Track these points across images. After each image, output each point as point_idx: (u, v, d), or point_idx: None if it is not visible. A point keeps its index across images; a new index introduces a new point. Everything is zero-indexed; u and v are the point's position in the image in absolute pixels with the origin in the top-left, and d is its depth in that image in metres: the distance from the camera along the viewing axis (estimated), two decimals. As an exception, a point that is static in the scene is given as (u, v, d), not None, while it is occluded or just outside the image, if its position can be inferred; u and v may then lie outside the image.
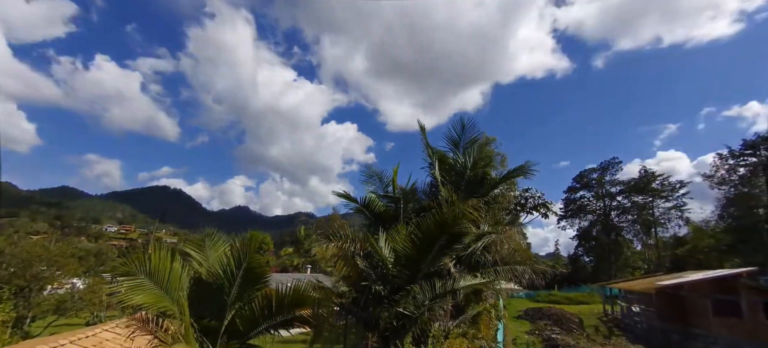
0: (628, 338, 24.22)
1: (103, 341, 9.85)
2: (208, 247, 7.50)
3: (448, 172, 12.58)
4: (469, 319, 12.57)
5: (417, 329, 8.54)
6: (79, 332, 10.21)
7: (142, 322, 6.09)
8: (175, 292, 6.05)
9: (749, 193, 50.95)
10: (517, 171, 12.94)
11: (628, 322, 27.66)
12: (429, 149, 12.93)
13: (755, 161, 50.96)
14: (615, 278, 46.34)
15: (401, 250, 8.26)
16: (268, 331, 7.09)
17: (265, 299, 6.87)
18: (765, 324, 19.61)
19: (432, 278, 8.38)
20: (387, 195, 11.99)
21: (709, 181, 55.45)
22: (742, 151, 52.21)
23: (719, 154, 54.06)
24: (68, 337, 9.53)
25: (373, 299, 8.48)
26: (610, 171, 63.76)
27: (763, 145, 50.24)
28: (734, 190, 52.90)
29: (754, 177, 51.31)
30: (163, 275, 6.01)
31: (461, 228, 8.18)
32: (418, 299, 8.07)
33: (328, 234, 9.80)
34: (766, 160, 49.95)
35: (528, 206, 43.25)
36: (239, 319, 6.78)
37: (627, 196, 62.60)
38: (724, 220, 53.20)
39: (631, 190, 61.68)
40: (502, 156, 41.79)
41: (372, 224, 11.33)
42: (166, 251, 6.20)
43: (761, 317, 19.82)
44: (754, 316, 20.03)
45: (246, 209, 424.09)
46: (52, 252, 23.97)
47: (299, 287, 6.98)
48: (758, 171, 50.68)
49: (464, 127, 12.65)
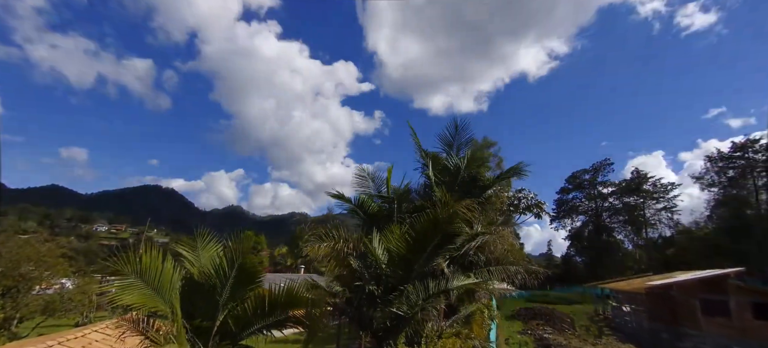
0: (619, 337, 24.49)
1: (92, 342, 9.73)
2: (201, 247, 7.44)
3: (442, 173, 12.62)
4: (462, 319, 12.60)
5: (410, 329, 8.55)
6: (67, 333, 10.08)
7: (133, 323, 6.02)
8: (167, 293, 5.99)
9: (738, 195, 51.83)
10: (511, 171, 13.04)
11: (619, 322, 27.97)
12: (421, 150, 12.97)
13: (743, 163, 51.86)
14: (606, 278, 46.84)
15: (395, 250, 8.26)
16: (261, 331, 7.04)
17: (258, 299, 6.83)
18: (752, 323, 19.95)
19: (425, 278, 8.39)
20: (381, 195, 12.00)
21: (700, 182, 56.33)
22: (731, 153, 53.13)
23: (709, 156, 54.99)
24: (56, 338, 9.40)
25: (367, 299, 8.48)
26: (602, 172, 64.48)
27: (751, 147, 51.16)
28: (723, 191, 53.78)
29: (742, 179, 52.22)
30: (155, 275, 5.94)
31: (455, 228, 8.21)
32: (411, 299, 8.07)
33: (321, 234, 9.78)
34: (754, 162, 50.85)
35: (521, 206, 43.64)
36: (231, 319, 6.73)
37: (618, 197, 63.32)
38: (714, 221, 54.05)
39: (623, 191, 62.40)
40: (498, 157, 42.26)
41: (366, 225, 11.32)
42: (158, 251, 6.14)
43: (748, 316, 20.17)
44: (741, 315, 20.37)
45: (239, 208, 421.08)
46: (41, 251, 23.58)
47: (292, 287, 6.94)
48: (746, 173, 51.59)
49: (458, 129, 12.72)
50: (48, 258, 23.50)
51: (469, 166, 12.58)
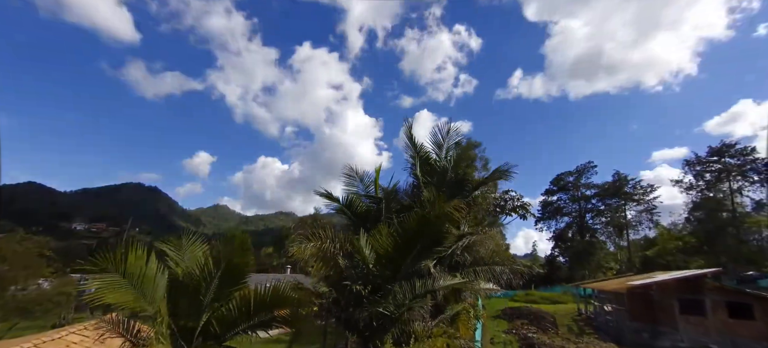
0: (600, 336, 25.00)
1: (70, 344, 9.46)
2: (186, 246, 7.33)
3: (430, 173, 12.69)
4: (448, 319, 12.69)
5: (397, 329, 8.57)
6: (43, 335, 9.79)
7: (113, 324, 5.89)
8: (151, 292, 5.88)
9: (714, 198, 53.49)
10: (498, 173, 13.17)
11: (601, 321, 28.57)
12: (413, 149, 13.03)
13: (720, 167, 53.55)
14: (589, 278, 47.79)
15: (382, 250, 8.27)
16: (246, 332, 6.97)
17: (243, 300, 6.76)
18: (727, 322, 20.69)
19: (412, 278, 8.43)
20: (369, 195, 11.99)
21: (678, 186, 57.98)
22: (708, 157, 54.83)
23: (687, 160, 56.69)
24: (32, 340, 9.12)
25: (354, 299, 8.47)
26: (586, 174, 65.76)
27: (727, 151, 52.88)
28: (701, 194, 55.41)
29: (719, 182, 53.93)
30: (138, 274, 5.83)
31: (442, 228, 8.27)
32: (398, 299, 8.10)
33: (307, 234, 9.71)
34: (730, 166, 52.58)
35: (507, 207, 44.20)
36: (216, 320, 6.64)
37: (601, 199, 64.68)
38: (691, 223, 55.70)
39: (605, 194, 63.77)
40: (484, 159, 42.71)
41: (354, 224, 11.30)
42: (142, 250, 6.02)
43: (724, 315, 20.90)
44: (717, 314, 21.09)
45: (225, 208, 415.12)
46: (18, 251, 22.83)
47: (278, 287, 6.89)
48: (723, 177, 53.32)
49: (449, 130, 12.83)
50: (24, 257, 22.77)
51: (457, 166, 12.69)
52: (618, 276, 42.52)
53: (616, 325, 25.90)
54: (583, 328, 28.19)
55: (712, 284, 22.71)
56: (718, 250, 48.83)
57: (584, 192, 65.97)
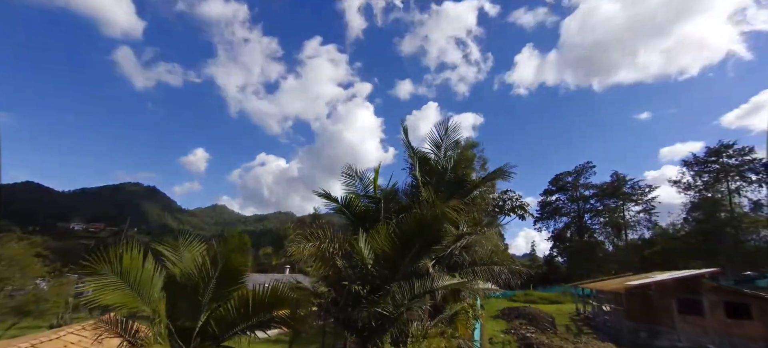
0: (598, 336, 25.03)
1: (68, 344, 9.44)
2: (183, 247, 7.31)
3: (429, 174, 12.67)
4: (446, 319, 12.69)
5: (395, 329, 8.56)
6: (41, 335, 9.76)
7: (111, 324, 5.86)
8: (148, 292, 5.86)
9: (712, 198, 53.57)
10: (497, 173, 13.17)
11: (599, 321, 28.61)
12: (411, 149, 13.01)
13: (718, 168, 53.65)
14: (587, 278, 47.86)
15: (381, 250, 8.26)
16: (245, 332, 6.96)
17: (241, 300, 6.74)
18: (725, 322, 20.75)
19: (411, 278, 8.42)
20: (368, 195, 11.97)
21: (676, 186, 58.08)
22: (706, 158, 54.93)
23: (685, 160, 56.81)
24: (30, 340, 9.10)
25: (352, 299, 8.46)
26: (584, 175, 65.88)
27: (725, 152, 52.99)
28: (699, 195, 55.49)
29: (716, 183, 54.02)
30: (135, 274, 5.81)
31: (441, 228, 8.26)
32: (396, 299, 8.09)
33: (306, 234, 9.70)
34: (727, 167, 52.69)
35: (506, 208, 44.25)
36: (214, 320, 6.63)
37: (599, 199, 64.81)
38: (689, 224, 55.79)
39: (604, 194, 63.87)
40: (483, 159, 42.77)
41: (352, 224, 11.28)
42: (139, 250, 6.00)
43: (721, 315, 20.96)
44: (715, 314, 21.15)
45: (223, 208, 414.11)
46: (15, 251, 22.74)
47: (277, 287, 6.87)
48: (721, 177, 53.42)
49: (448, 130, 12.81)
50: (21, 257, 22.68)
51: (456, 167, 12.68)
52: (616, 276, 42.58)
53: (615, 324, 25.94)
54: (581, 327, 28.22)
55: (710, 284, 22.78)
56: (716, 250, 48.95)
57: (583, 192, 66.12)
